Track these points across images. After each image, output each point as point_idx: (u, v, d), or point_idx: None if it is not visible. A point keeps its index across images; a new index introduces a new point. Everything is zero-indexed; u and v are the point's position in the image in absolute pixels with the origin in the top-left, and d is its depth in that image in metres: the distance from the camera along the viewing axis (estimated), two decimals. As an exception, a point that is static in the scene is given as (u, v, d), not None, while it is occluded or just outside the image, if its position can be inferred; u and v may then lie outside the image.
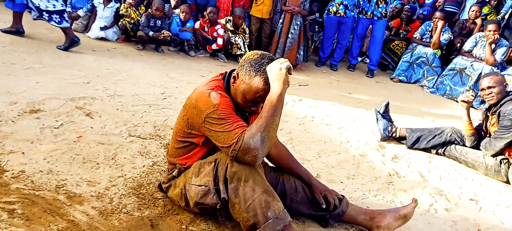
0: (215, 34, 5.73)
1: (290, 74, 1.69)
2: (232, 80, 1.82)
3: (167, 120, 3.13)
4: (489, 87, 3.14)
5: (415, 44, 6.25)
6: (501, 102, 3.10)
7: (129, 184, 2.15)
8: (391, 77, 6.40)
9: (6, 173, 2.01)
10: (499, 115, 3.09)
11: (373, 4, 5.91)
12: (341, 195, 2.14)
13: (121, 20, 5.59)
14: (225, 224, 1.96)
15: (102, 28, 5.53)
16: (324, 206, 2.03)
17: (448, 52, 6.41)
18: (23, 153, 2.22)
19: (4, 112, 2.67)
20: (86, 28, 5.73)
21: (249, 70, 1.74)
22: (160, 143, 2.71)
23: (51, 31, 5.30)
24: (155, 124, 3.01)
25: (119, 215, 1.87)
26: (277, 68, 1.66)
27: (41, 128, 2.57)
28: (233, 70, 1.87)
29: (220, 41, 5.68)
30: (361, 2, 5.94)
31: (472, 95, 3.29)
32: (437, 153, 3.48)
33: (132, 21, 5.52)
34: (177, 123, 1.92)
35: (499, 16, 6.32)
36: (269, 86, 1.68)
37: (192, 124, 1.80)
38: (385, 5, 5.96)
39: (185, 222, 1.92)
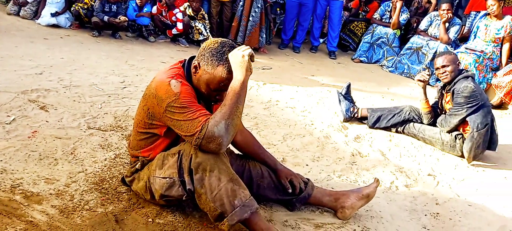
0: (173, 18, 5.58)
1: (253, 61, 1.68)
2: (193, 70, 1.78)
3: (128, 110, 3.03)
4: (443, 66, 3.27)
5: (375, 24, 6.39)
6: (455, 81, 3.24)
7: (91, 179, 2.07)
8: (352, 58, 6.52)
9: (-46, 175, 1.87)
10: (453, 93, 3.23)
11: None
12: (306, 179, 2.18)
13: (74, 5, 5.31)
14: (193, 215, 1.94)
15: (53, 15, 5.22)
16: (290, 190, 2.05)
17: (406, 31, 6.60)
18: (-28, 152, 2.08)
19: None
20: (36, 15, 5.39)
21: (211, 60, 1.71)
22: (122, 135, 2.62)
23: (-3, 19, 4.96)
24: (116, 114, 2.91)
25: (82, 212, 1.80)
26: (239, 56, 1.64)
27: (-9, 124, 2.41)
28: (193, 57, 1.83)
29: (180, 25, 5.54)
30: None
31: (427, 75, 3.41)
32: (396, 131, 3.60)
33: (85, 7, 5.26)
34: (137, 114, 1.87)
35: (454, -4, 6.57)
36: (233, 75, 1.66)
37: (153, 114, 1.75)
38: None
39: (151, 215, 1.88)
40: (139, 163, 1.88)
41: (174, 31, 5.62)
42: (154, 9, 5.58)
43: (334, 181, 2.60)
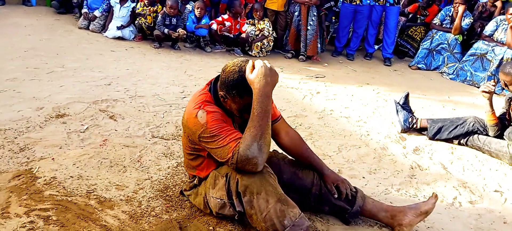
0: (238, 26, 5.80)
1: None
2: (221, 99, 1.80)
3: (188, 119, 3.17)
4: (505, 84, 3.09)
5: (435, 30, 6.14)
6: (525, 91, 3.04)
7: (156, 186, 2.20)
8: (410, 64, 6.30)
9: (39, 179, 2.08)
10: (523, 104, 3.03)
11: None
12: (355, 188, 2.13)
13: (138, 19, 5.65)
14: (251, 225, 2.00)
15: (119, 28, 5.60)
16: (336, 196, 2.03)
17: (469, 37, 6.26)
18: (53, 159, 2.30)
19: (32, 118, 2.76)
20: (103, 28, 5.82)
21: (237, 92, 1.72)
22: (183, 144, 2.75)
23: (69, 33, 5.40)
24: (177, 124, 3.06)
25: (149, 218, 1.92)
26: (254, 75, 1.64)
27: (68, 132, 2.65)
28: (218, 77, 1.85)
29: (243, 35, 5.76)
30: None
31: (493, 85, 3.22)
32: (459, 144, 3.44)
33: (147, 22, 5.59)
34: (183, 136, 1.97)
35: (522, -1, 6.13)
36: None
37: (192, 140, 1.83)
38: None
39: (212, 223, 1.96)
40: (197, 179, 1.98)
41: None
42: (214, 26, 5.76)
43: (392, 195, 2.54)
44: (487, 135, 3.37)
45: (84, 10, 5.83)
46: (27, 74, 3.63)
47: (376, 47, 6.65)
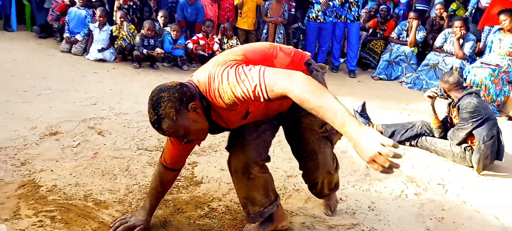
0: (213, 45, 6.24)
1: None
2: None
3: (169, 132, 3.53)
4: (444, 91, 3.62)
5: (393, 43, 6.72)
6: (459, 97, 3.54)
7: (143, 190, 2.55)
8: (372, 75, 6.84)
9: (42, 187, 2.42)
10: (458, 108, 3.53)
11: (346, 9, 6.38)
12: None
13: (116, 41, 5.99)
14: (226, 217, 2.37)
15: (99, 50, 5.92)
16: None
17: (424, 48, 6.88)
18: (52, 170, 2.63)
19: (28, 137, 3.07)
20: (85, 51, 6.12)
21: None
22: (165, 154, 3.11)
23: (52, 57, 5.69)
24: (159, 137, 3.41)
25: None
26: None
27: (62, 148, 2.98)
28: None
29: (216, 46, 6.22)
30: (336, 8, 6.40)
31: (435, 92, 3.73)
32: (410, 145, 3.90)
33: (124, 37, 5.93)
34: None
35: (467, 13, 6.81)
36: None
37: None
38: (357, 9, 6.43)
39: (192, 218, 2.32)
40: None
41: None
42: (190, 45, 6.17)
43: (347, 190, 2.94)
44: (433, 136, 3.86)
45: (66, 34, 6.13)
46: (18, 97, 3.93)
47: (341, 60, 7.18)
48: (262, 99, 1.52)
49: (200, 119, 1.69)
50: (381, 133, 3.96)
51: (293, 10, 7.12)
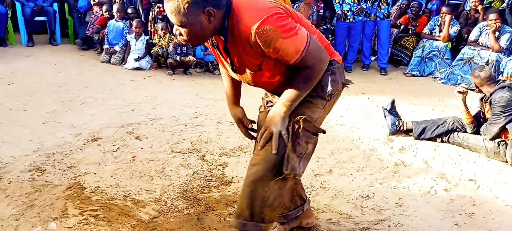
0: None
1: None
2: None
3: (200, 135, 3.71)
4: (476, 86, 3.56)
5: (426, 39, 6.60)
6: (491, 91, 3.48)
7: (177, 190, 2.73)
8: (405, 72, 6.74)
9: (86, 189, 2.65)
10: (490, 103, 3.47)
11: (375, 7, 6.34)
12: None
13: (153, 48, 6.29)
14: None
15: (136, 59, 6.25)
16: None
17: (458, 42, 6.70)
18: (95, 173, 2.87)
19: (73, 143, 3.35)
20: (123, 61, 6.47)
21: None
22: (197, 156, 3.29)
23: (94, 67, 6.06)
24: (191, 140, 3.60)
25: (173, 213, 2.45)
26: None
27: (103, 152, 3.22)
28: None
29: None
30: (365, 7, 6.37)
31: (465, 87, 3.68)
32: (442, 141, 3.85)
33: (163, 45, 6.21)
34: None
35: (504, 4, 6.56)
36: None
37: None
38: (386, 6, 6.37)
39: (223, 215, 2.47)
40: None
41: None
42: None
43: (375, 187, 2.98)
44: (466, 132, 3.79)
45: (106, 46, 6.51)
46: (63, 106, 4.26)
47: (372, 58, 7.12)
48: (292, 62, 1.66)
49: (207, 28, 1.58)
50: (411, 130, 3.95)
51: (321, 11, 7.16)
